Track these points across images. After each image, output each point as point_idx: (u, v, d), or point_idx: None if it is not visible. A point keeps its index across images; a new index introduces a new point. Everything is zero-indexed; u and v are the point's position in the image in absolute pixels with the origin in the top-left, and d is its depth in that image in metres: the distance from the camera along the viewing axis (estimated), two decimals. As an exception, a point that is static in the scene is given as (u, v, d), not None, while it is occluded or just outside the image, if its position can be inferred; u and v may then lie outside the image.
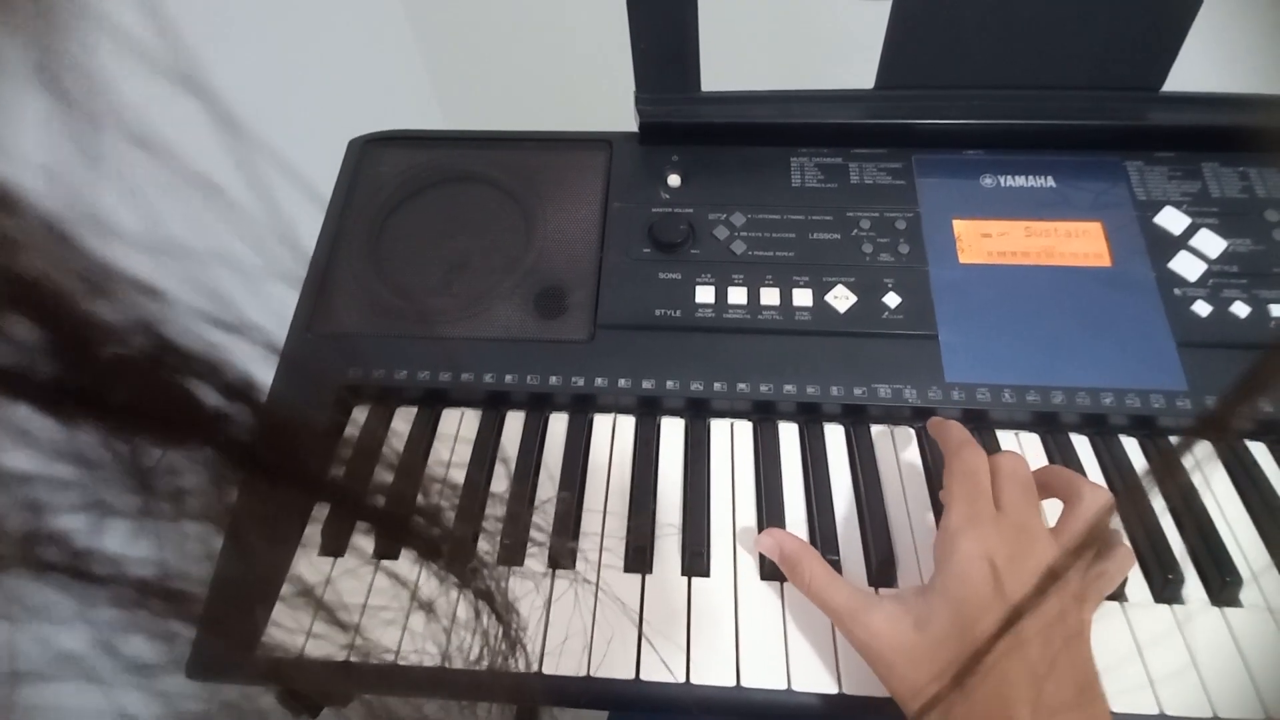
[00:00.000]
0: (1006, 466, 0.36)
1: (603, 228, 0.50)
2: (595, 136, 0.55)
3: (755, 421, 0.45)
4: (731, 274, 0.48)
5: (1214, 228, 0.47)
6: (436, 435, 0.45)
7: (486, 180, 0.53)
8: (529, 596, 0.39)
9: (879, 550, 0.39)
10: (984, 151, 0.51)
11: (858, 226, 0.49)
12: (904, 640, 0.32)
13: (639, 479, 0.43)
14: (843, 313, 0.46)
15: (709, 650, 0.37)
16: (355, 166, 0.54)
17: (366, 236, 0.51)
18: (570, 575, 0.40)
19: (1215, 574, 0.38)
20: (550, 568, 0.40)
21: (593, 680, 0.36)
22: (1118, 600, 0.38)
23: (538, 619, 0.38)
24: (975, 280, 0.47)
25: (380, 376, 0.46)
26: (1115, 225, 0.48)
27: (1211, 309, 0.45)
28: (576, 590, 0.39)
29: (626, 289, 0.48)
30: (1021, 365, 0.44)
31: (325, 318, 0.48)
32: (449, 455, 0.44)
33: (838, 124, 0.52)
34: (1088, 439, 0.44)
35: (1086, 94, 0.50)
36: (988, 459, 0.36)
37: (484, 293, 0.49)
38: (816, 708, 0.36)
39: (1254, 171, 0.49)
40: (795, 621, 0.38)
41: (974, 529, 0.33)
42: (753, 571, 0.40)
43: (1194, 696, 0.35)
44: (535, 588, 0.39)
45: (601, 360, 0.45)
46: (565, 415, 0.46)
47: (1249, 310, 0.45)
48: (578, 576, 0.40)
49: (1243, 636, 0.36)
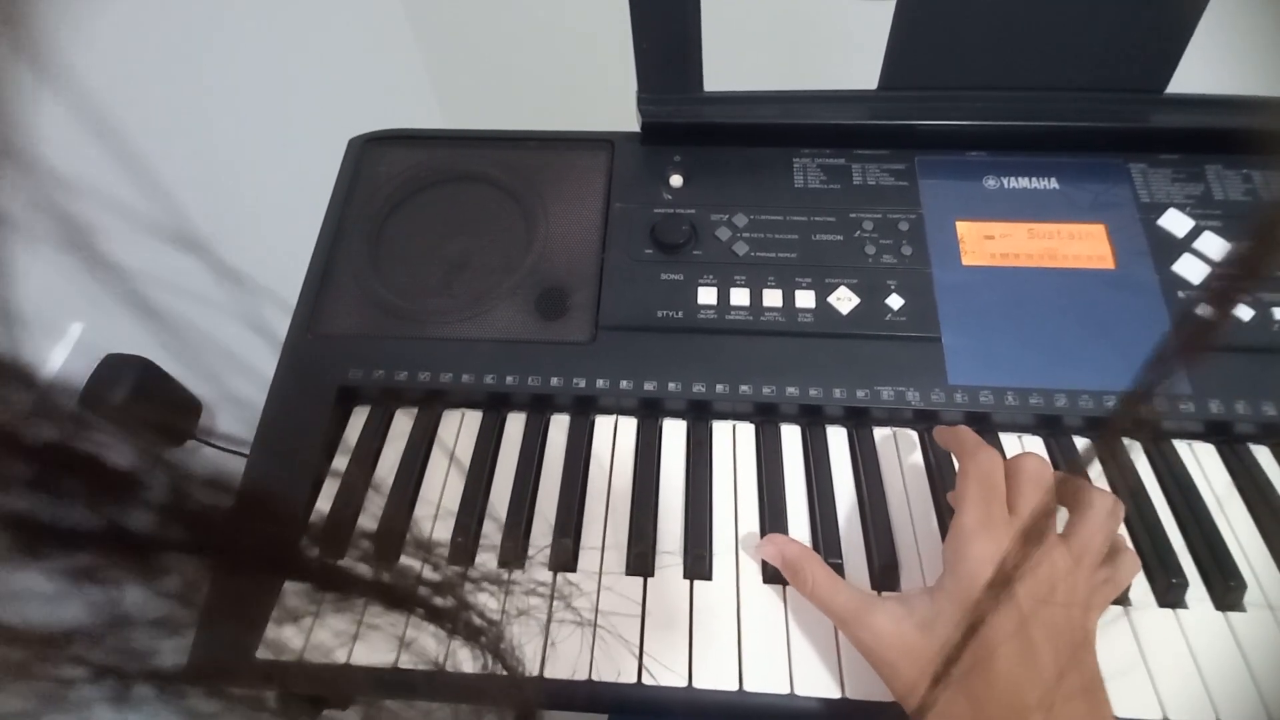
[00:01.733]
0: (1029, 469, 0.35)
1: (604, 228, 0.50)
2: (597, 136, 0.54)
3: (757, 424, 0.45)
4: (734, 275, 0.48)
5: (1217, 230, 0.47)
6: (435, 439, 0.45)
7: (487, 180, 0.53)
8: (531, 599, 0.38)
9: (882, 554, 0.39)
10: (987, 153, 0.51)
11: (860, 228, 0.49)
12: (908, 641, 0.32)
13: (641, 481, 0.43)
14: (845, 314, 0.46)
15: (711, 654, 0.37)
16: (355, 166, 0.54)
17: (366, 237, 0.51)
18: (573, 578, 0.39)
19: (1219, 578, 0.38)
20: (551, 570, 0.40)
21: (594, 684, 0.36)
22: (1122, 605, 0.38)
23: (539, 622, 0.38)
24: (978, 282, 0.47)
25: (380, 378, 0.45)
26: (1118, 227, 0.48)
27: (1215, 312, 0.45)
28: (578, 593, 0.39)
29: (628, 290, 0.48)
30: (1024, 368, 0.44)
31: (325, 318, 0.48)
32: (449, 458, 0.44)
33: (841, 125, 0.52)
34: (1091, 442, 0.44)
35: (1090, 95, 0.50)
36: (1004, 461, 0.36)
37: (484, 293, 0.48)
38: (819, 712, 0.35)
39: (1258, 174, 0.49)
40: (798, 625, 0.37)
41: (986, 532, 0.33)
42: (755, 575, 0.39)
43: (1198, 701, 0.35)
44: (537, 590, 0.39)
45: (603, 362, 0.45)
46: (566, 417, 0.46)
47: (1252, 313, 0.44)
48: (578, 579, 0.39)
49: (1246, 641, 0.36)
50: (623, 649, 0.37)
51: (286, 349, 0.47)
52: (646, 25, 0.48)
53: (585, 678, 0.36)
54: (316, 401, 0.45)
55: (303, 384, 0.46)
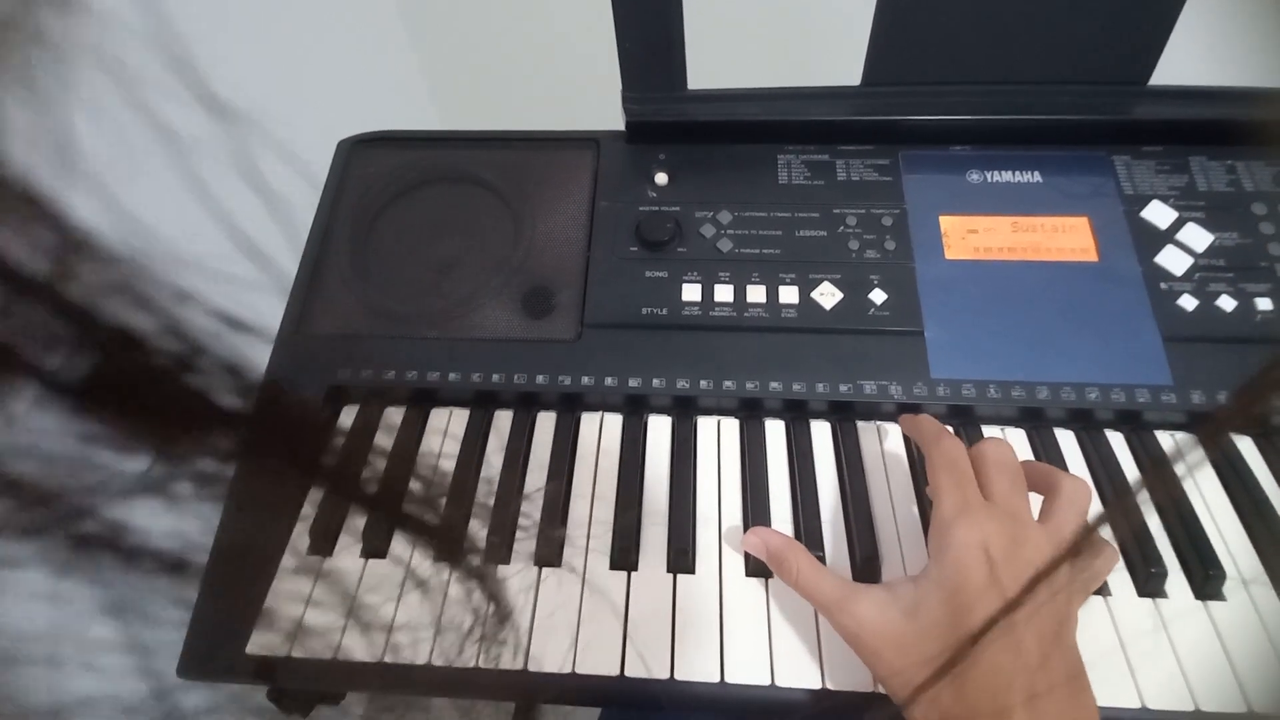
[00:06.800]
0: (993, 454, 0.36)
1: (590, 227, 0.51)
2: (582, 136, 0.55)
3: (742, 419, 0.45)
4: (718, 272, 0.48)
5: (1201, 222, 0.47)
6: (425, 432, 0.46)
7: (474, 180, 0.53)
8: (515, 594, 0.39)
9: (863, 546, 0.39)
10: (970, 147, 0.51)
11: (844, 223, 0.49)
12: (892, 628, 0.32)
13: (626, 476, 0.43)
14: (829, 309, 0.46)
15: (694, 647, 0.37)
16: (344, 167, 0.55)
17: (355, 237, 0.51)
18: (556, 572, 0.40)
19: (1199, 567, 0.38)
20: (537, 565, 0.40)
21: (577, 677, 0.36)
22: (1101, 594, 0.38)
23: (524, 616, 0.38)
24: (961, 276, 0.47)
25: (369, 377, 0.46)
26: (1102, 220, 0.48)
27: (1198, 303, 0.45)
28: (562, 587, 0.39)
29: (613, 287, 0.48)
30: (1007, 361, 0.44)
31: (314, 318, 0.49)
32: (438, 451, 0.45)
33: (824, 121, 0.52)
34: (1073, 434, 0.44)
35: (1073, 88, 0.50)
36: (969, 447, 0.36)
37: (472, 293, 0.49)
38: (800, 703, 0.36)
39: (1241, 165, 0.49)
40: (780, 617, 0.38)
41: (967, 517, 0.33)
42: (738, 568, 0.40)
43: (1176, 689, 0.35)
44: (521, 585, 0.39)
45: (588, 359, 0.46)
46: (553, 414, 0.46)
47: (1235, 304, 0.44)
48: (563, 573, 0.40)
49: (1226, 630, 0.37)
50: (606, 643, 0.37)
51: (276, 348, 0.48)
52: (629, 25, 0.48)
53: (569, 671, 0.36)
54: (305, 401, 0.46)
55: (293, 383, 0.47)
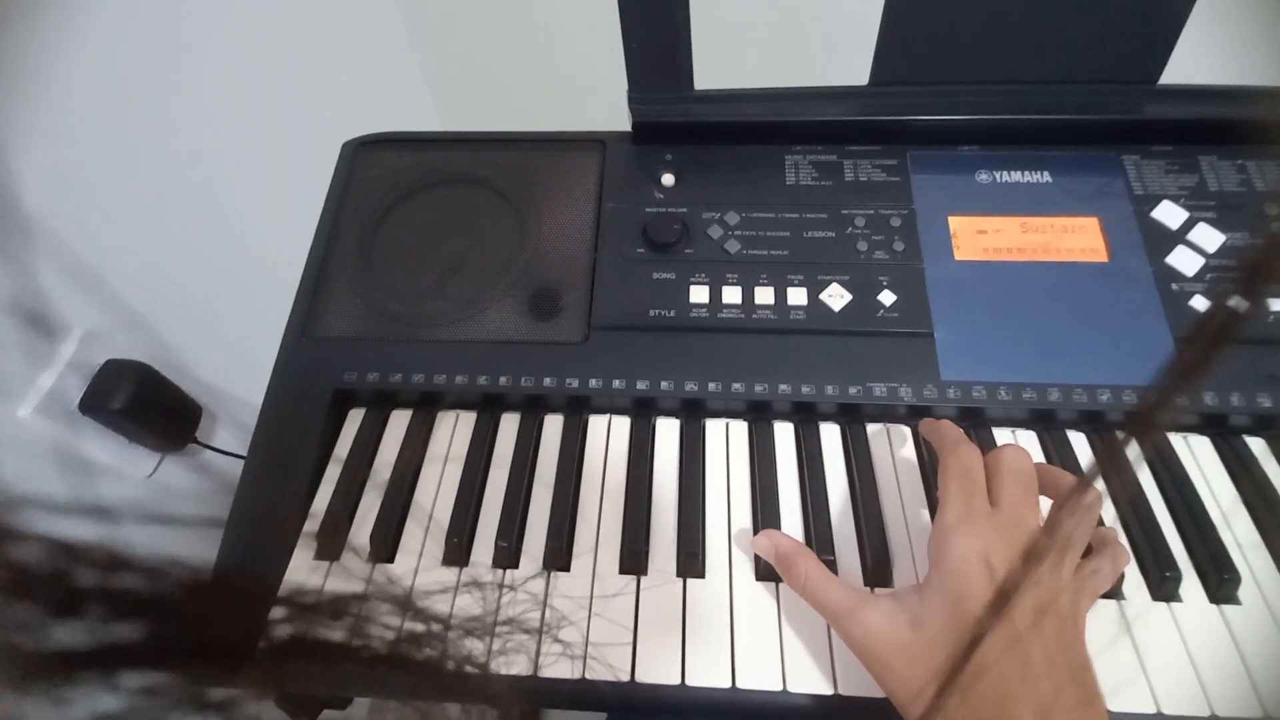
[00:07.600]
0: (1009, 461, 0.35)
1: (596, 228, 0.50)
2: (588, 136, 0.54)
3: (750, 421, 0.45)
4: (726, 273, 0.48)
5: (1212, 221, 0.47)
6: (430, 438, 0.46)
7: (479, 182, 0.53)
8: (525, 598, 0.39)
9: (874, 550, 0.39)
10: (979, 147, 0.51)
11: (852, 224, 0.49)
12: (900, 639, 0.32)
13: (634, 480, 0.43)
14: (838, 311, 0.46)
15: (704, 652, 0.37)
16: (348, 169, 0.54)
17: (360, 240, 0.51)
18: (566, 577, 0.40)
19: (1213, 571, 0.38)
20: (547, 570, 0.40)
21: (587, 683, 0.36)
22: (1115, 598, 0.38)
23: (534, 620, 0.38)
24: (971, 277, 0.47)
25: (375, 380, 0.46)
26: (1112, 220, 0.48)
27: (1210, 304, 0.44)
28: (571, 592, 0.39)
29: (620, 289, 0.48)
30: (1018, 362, 0.44)
31: (319, 322, 0.48)
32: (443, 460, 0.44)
33: (832, 121, 0.52)
34: (1085, 436, 0.44)
35: (1082, 88, 0.50)
36: (985, 455, 0.36)
37: (478, 295, 0.48)
38: (812, 709, 0.35)
39: (1252, 164, 0.49)
40: (791, 622, 0.38)
41: (968, 526, 0.33)
42: (748, 572, 0.39)
43: (1192, 694, 0.35)
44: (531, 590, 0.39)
45: (596, 361, 0.45)
46: (560, 417, 0.46)
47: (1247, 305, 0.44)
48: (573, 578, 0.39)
49: (1241, 634, 0.36)
50: (616, 648, 0.37)
51: (282, 352, 0.48)
52: (636, 25, 0.48)
53: (579, 676, 0.36)
54: (312, 404, 0.46)
55: (298, 387, 0.46)
